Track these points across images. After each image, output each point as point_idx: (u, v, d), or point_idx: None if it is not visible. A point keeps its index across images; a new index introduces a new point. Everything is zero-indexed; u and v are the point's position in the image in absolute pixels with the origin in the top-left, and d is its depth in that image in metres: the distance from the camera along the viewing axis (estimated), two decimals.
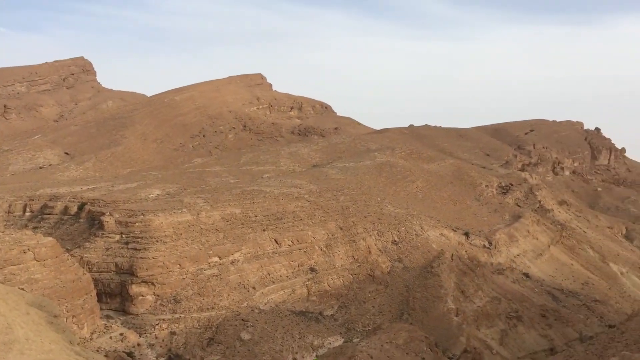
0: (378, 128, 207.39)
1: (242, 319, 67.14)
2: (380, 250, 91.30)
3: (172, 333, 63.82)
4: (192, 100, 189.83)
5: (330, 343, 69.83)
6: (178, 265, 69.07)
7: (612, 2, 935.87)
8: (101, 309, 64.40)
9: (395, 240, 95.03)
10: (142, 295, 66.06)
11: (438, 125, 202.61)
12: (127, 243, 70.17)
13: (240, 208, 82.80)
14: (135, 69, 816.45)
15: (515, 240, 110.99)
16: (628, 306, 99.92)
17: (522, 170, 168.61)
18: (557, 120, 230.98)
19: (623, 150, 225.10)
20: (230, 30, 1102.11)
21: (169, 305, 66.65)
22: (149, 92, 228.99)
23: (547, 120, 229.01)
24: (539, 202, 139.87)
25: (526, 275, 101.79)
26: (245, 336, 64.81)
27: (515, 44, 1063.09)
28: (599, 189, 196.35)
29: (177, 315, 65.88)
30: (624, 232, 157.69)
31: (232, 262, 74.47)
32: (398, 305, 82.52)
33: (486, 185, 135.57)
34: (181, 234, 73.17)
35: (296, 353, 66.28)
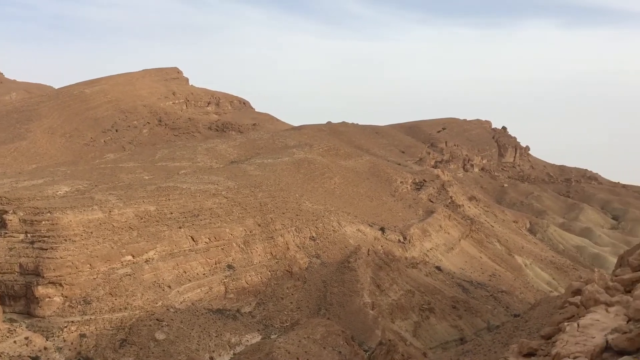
0: (296, 124, 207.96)
1: (157, 319, 65.46)
2: (298, 247, 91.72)
3: (82, 335, 61.27)
4: (104, 93, 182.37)
5: (247, 340, 69.44)
6: (88, 265, 66.34)
7: (518, 7, 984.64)
8: (4, 312, 60.83)
9: (313, 236, 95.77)
10: (49, 297, 62.99)
11: (355, 122, 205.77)
12: (32, 242, 66.62)
13: (155, 205, 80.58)
14: (41, 60, 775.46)
15: (429, 235, 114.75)
16: (531, 296, 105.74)
17: (435, 167, 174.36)
18: (468, 119, 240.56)
19: (527, 148, 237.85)
20: (145, 23, 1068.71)
21: (79, 306, 63.92)
22: (57, 84, 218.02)
23: (458, 119, 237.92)
24: (451, 197, 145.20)
25: (438, 268, 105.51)
26: (160, 336, 63.23)
27: (429, 45, 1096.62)
28: (505, 185, 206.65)
29: (87, 317, 63.31)
30: (528, 226, 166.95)
31: (147, 261, 72.40)
32: (316, 300, 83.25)
33: (401, 182, 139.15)
34: (92, 233, 70.29)
35: (213, 351, 65.42)
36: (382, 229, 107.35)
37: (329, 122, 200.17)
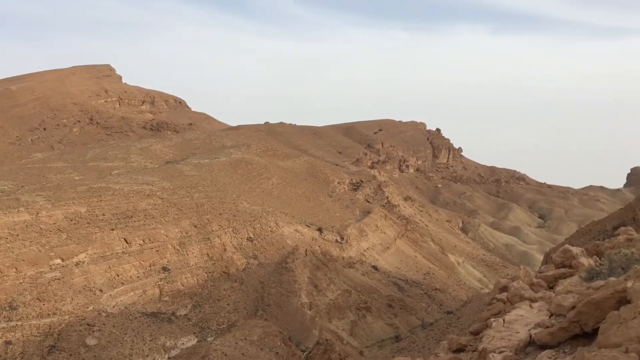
0: (234, 125, 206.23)
1: (88, 324, 63.31)
2: (235, 248, 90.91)
3: (8, 342, 58.47)
4: (31, 90, 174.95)
5: (183, 343, 68.20)
6: (14, 269, 63.37)
7: (452, 13, 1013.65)
8: None
9: (250, 237, 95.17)
10: None
11: (293, 123, 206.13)
12: None
13: (86, 206, 77.95)
14: None
15: (365, 235, 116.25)
16: (463, 293, 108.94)
17: (372, 167, 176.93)
18: (403, 121, 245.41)
19: (460, 150, 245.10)
20: (74, 17, 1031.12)
21: (4, 312, 60.92)
22: None
23: (394, 121, 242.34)
24: (387, 198, 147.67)
25: (375, 267, 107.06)
26: (91, 341, 61.21)
27: (367, 47, 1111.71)
28: (439, 185, 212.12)
29: (13, 323, 60.42)
30: (460, 225, 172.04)
31: (77, 264, 69.86)
32: (253, 301, 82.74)
33: (338, 182, 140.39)
34: (18, 236, 67.20)
35: (147, 356, 63.89)
36: (320, 229, 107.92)
37: (266, 123, 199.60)
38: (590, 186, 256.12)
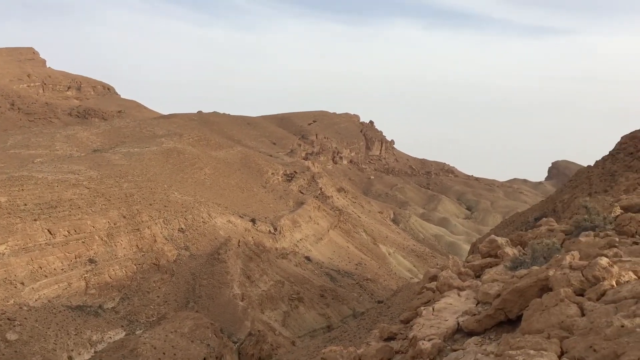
0: (165, 113, 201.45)
1: (8, 318, 60.42)
2: (166, 239, 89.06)
3: None
4: None
5: (110, 337, 66.29)
6: None
7: (387, 8, 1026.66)
8: None
9: (182, 228, 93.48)
10: None
11: (227, 112, 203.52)
12: None
13: (7, 196, 74.15)
14: None
15: (299, 226, 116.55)
16: (394, 283, 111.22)
17: (306, 158, 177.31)
18: (337, 113, 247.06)
19: (392, 142, 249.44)
20: None
21: None
22: None
23: (328, 112, 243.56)
24: (320, 189, 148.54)
25: (308, 258, 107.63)
26: (12, 336, 58.47)
27: (303, 39, 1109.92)
28: (372, 177, 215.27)
29: None
30: (392, 216, 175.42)
31: None
32: (184, 293, 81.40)
33: (272, 173, 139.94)
34: None
35: (72, 350, 61.70)
36: (253, 220, 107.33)
37: (199, 112, 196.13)
38: (515, 179, 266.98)
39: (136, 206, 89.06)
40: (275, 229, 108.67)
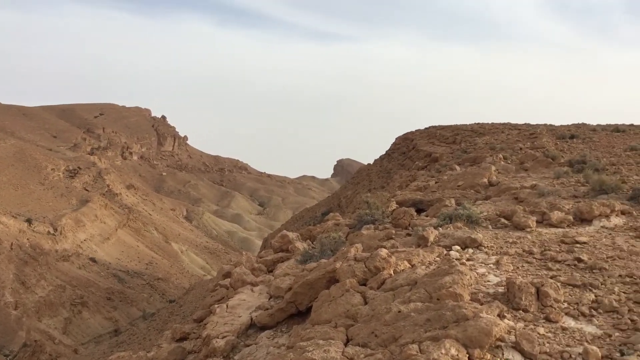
0: None
1: None
2: None
3: None
4: None
5: None
6: None
7: (176, 0, 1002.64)
8: None
9: None
10: None
11: None
12: None
13: None
14: None
15: (83, 225, 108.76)
16: (186, 281, 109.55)
17: (91, 153, 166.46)
18: (127, 106, 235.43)
19: (185, 138, 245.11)
20: None
21: None
22: None
23: (117, 105, 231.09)
24: (108, 186, 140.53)
25: (93, 259, 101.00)
26: None
27: (80, 23, 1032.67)
28: (164, 173, 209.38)
29: None
30: (185, 213, 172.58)
31: None
32: None
33: (52, 169, 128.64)
34: None
35: None
36: (29, 220, 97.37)
37: None
38: (304, 176, 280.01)
39: None
40: (56, 230, 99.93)
